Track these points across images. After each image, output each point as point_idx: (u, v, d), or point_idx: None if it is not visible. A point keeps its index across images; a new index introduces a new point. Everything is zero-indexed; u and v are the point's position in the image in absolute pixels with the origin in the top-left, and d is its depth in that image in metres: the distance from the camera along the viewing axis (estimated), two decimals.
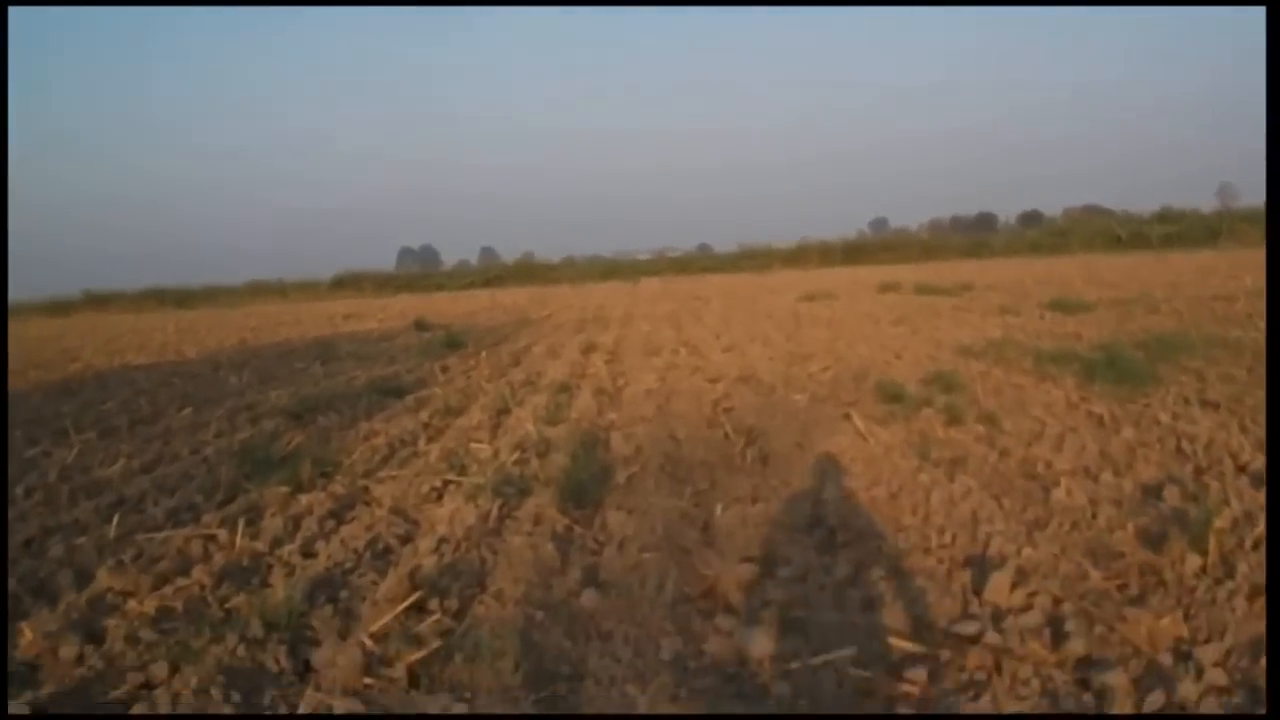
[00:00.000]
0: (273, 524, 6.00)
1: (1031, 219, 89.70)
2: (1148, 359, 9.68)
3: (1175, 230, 63.21)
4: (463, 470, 7.17)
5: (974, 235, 77.37)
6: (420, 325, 24.57)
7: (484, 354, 15.49)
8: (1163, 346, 10.53)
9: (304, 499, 6.58)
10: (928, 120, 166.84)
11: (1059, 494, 5.38)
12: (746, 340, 15.05)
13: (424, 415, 9.60)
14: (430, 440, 8.49)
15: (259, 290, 72.53)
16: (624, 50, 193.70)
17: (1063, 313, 16.54)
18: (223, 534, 5.83)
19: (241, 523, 5.94)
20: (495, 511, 5.86)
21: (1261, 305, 13.60)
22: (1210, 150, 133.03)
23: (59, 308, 59.17)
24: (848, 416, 8.21)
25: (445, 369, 13.91)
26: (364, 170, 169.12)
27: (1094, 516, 5.03)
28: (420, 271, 79.43)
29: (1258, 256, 32.83)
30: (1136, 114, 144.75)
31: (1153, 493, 5.34)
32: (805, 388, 9.99)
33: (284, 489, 6.77)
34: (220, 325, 33.17)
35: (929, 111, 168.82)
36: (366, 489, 6.89)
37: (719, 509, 5.83)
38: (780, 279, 44.92)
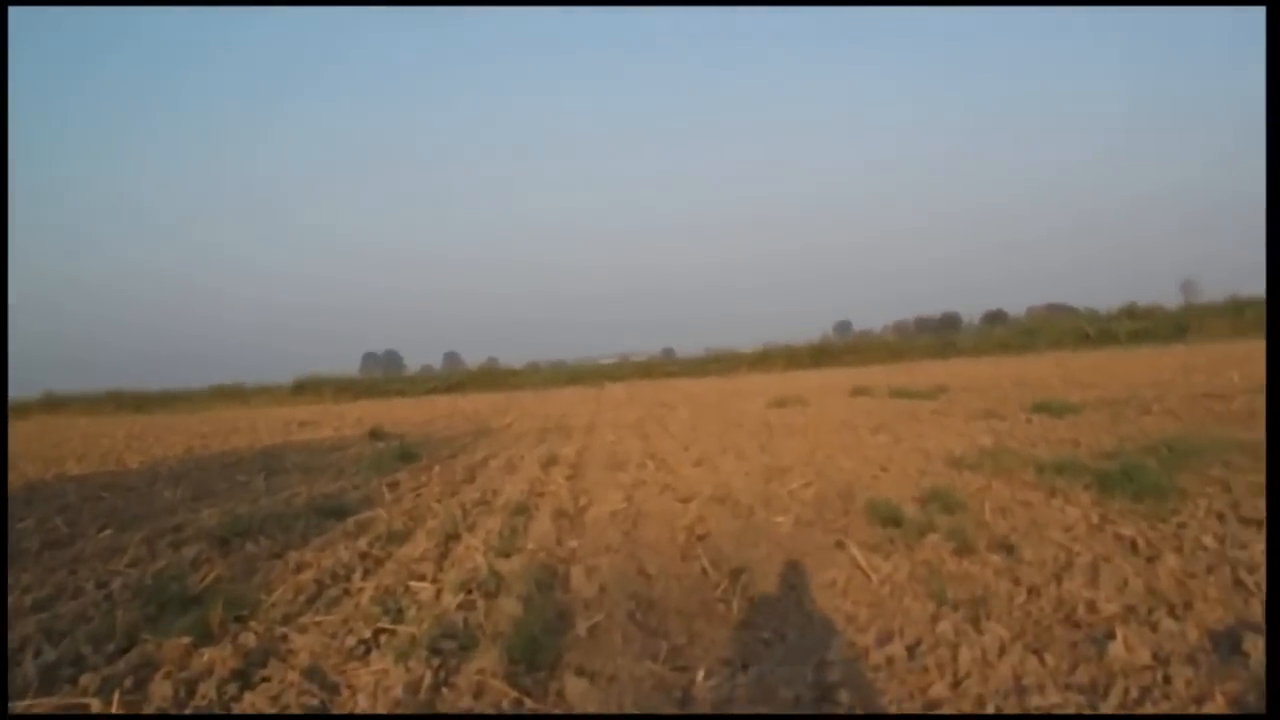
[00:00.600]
0: (162, 689, 4.92)
1: (996, 318, 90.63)
2: (1163, 469, 8.80)
3: (1143, 327, 63.60)
4: (399, 615, 6.12)
5: (939, 335, 77.53)
6: (375, 434, 23.50)
7: (437, 468, 14.43)
8: (1175, 454, 9.68)
9: (208, 653, 5.48)
10: (891, 222, 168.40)
11: (1116, 648, 4.42)
12: (718, 452, 14.09)
13: (363, 542, 8.50)
14: (366, 575, 7.42)
15: (219, 394, 71.47)
16: (584, 151, 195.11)
17: (1050, 415, 15.76)
18: (98, 703, 4.79)
19: (126, 685, 4.92)
20: (429, 676, 4.83)
21: (1260, 403, 12.90)
22: (1172, 247, 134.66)
23: (16, 410, 57.41)
24: (841, 545, 7.26)
25: (394, 485, 12.85)
26: (330, 274, 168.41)
27: (1167, 680, 4.08)
28: (382, 377, 78.46)
29: (1232, 350, 32.79)
30: (1099, 213, 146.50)
31: (1226, 642, 4.43)
32: (787, 508, 9.01)
33: (186, 640, 5.68)
34: (172, 432, 31.84)
35: (892, 213, 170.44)
36: (285, 638, 5.82)
37: (700, 675, 4.80)
38: (748, 384, 44.12)
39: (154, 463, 18.65)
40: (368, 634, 5.76)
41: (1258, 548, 5.95)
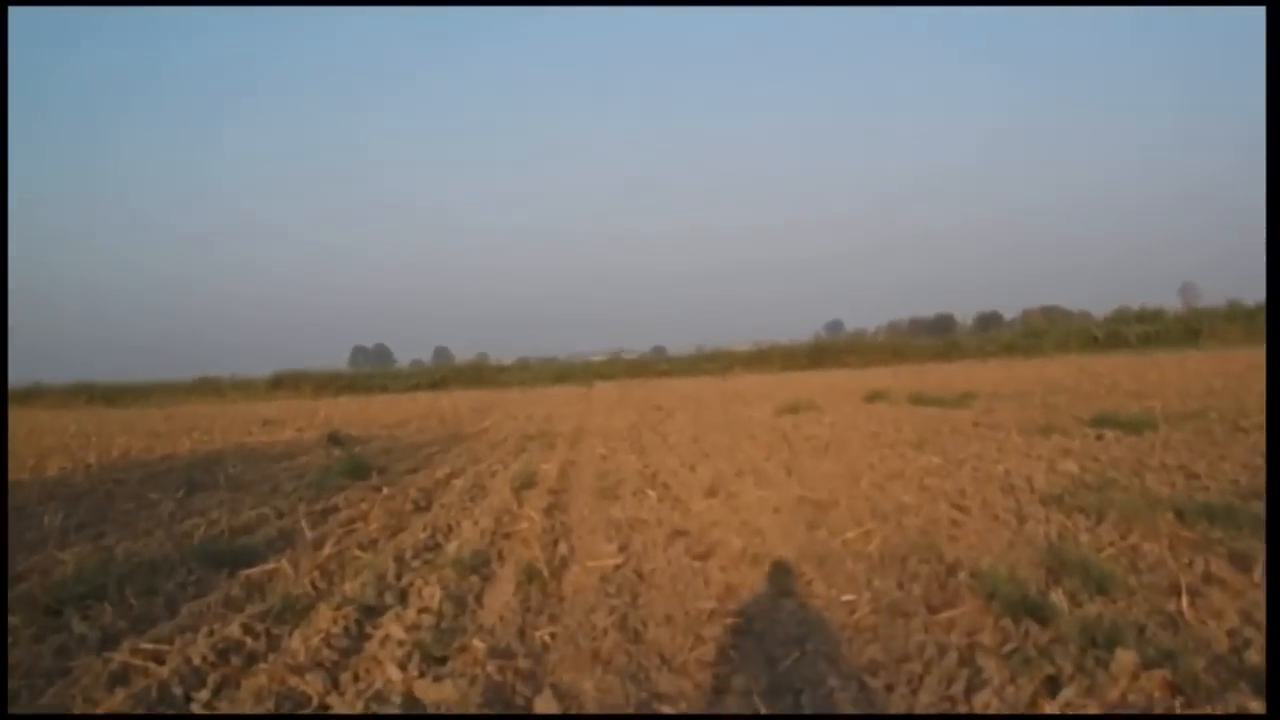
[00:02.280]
0: None
1: (990, 320, 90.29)
2: None
3: (1153, 330, 61.65)
4: None
5: (937, 336, 75.54)
6: (334, 439, 20.85)
7: (384, 490, 11.71)
8: None
9: None
10: (884, 224, 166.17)
11: None
12: (733, 475, 11.42)
13: (242, 619, 5.82)
14: (218, 693, 4.78)
15: (196, 388, 69.11)
16: (578, 147, 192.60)
17: (1123, 431, 13.09)
18: None
19: None
20: None
21: None
22: (1169, 251, 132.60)
23: None
24: (969, 661, 4.59)
25: (326, 514, 10.24)
26: (320, 267, 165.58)
27: None
28: (363, 372, 76.29)
29: (1257, 356, 30.19)
30: (1094, 217, 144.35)
31: None
32: (853, 577, 6.35)
33: None
34: (125, 429, 29.30)
35: (885, 216, 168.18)
36: None
37: None
38: (746, 385, 41.49)
39: (69, 473, 15.92)
40: None
41: None
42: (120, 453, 19.79)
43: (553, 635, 5.49)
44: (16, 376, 63.07)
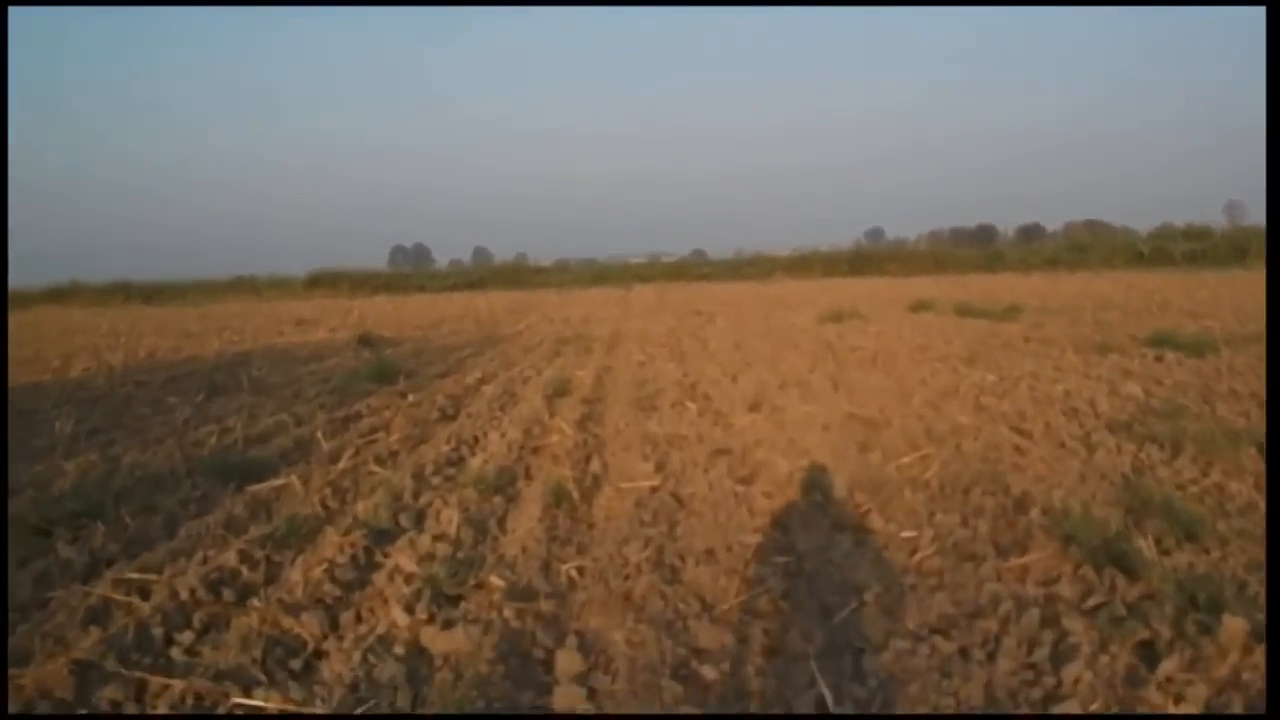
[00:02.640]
0: None
1: (1032, 232, 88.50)
2: None
3: (1200, 248, 59.79)
4: None
5: (978, 247, 73.95)
6: (365, 341, 20.34)
7: (410, 397, 11.19)
8: None
9: None
10: (924, 131, 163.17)
11: None
12: (776, 387, 10.78)
13: (241, 544, 5.30)
14: (203, 636, 4.27)
15: (234, 286, 68.76)
16: (622, 53, 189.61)
17: (1184, 353, 12.29)
18: None
19: None
20: None
21: None
22: (1215, 166, 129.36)
23: (17, 301, 54.29)
24: (1053, 620, 4.00)
25: (347, 422, 9.73)
26: (362, 167, 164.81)
27: None
28: (401, 272, 75.71)
29: None
30: (1138, 129, 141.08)
31: None
32: (912, 510, 5.75)
33: None
34: (159, 328, 28.94)
35: (926, 122, 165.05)
36: None
37: None
38: (788, 291, 40.58)
39: (90, 375, 15.49)
40: None
41: None
42: (147, 353, 19.38)
43: (580, 570, 4.93)
44: (55, 275, 63.28)
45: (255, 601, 4.53)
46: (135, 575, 4.85)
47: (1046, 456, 6.84)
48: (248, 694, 3.58)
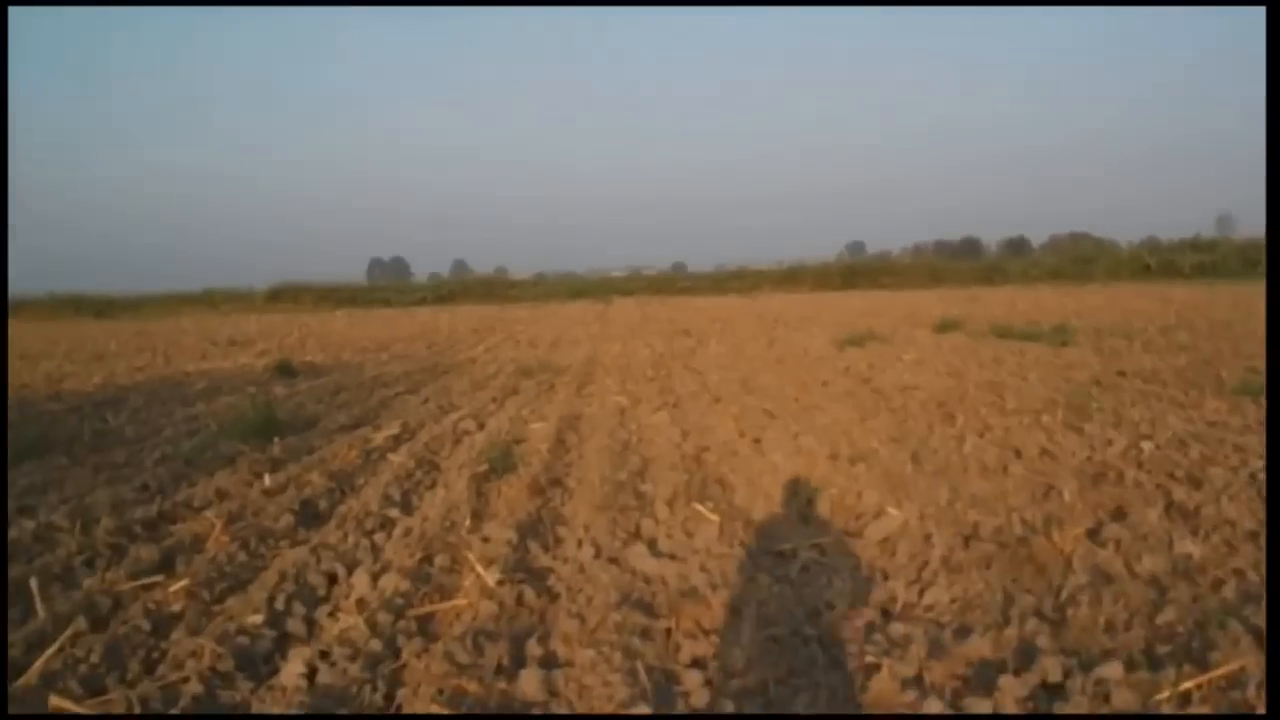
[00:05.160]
0: None
1: (1018, 245, 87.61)
2: None
3: (1209, 259, 57.23)
4: None
5: (966, 260, 71.33)
6: (285, 369, 16.59)
7: (268, 480, 7.34)
8: None
9: None
10: (906, 147, 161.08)
11: None
12: (826, 458, 7.13)
13: None
14: None
15: (191, 301, 65.08)
16: (606, 62, 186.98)
17: None
18: None
19: None
20: None
21: None
22: (1203, 180, 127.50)
23: None
24: None
25: (152, 528, 6.02)
26: (341, 181, 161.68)
27: None
28: (368, 285, 72.95)
29: None
30: (1124, 142, 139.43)
31: None
32: None
33: None
34: (77, 349, 25.27)
35: (909, 139, 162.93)
36: None
37: None
38: (780, 306, 37.01)
39: None
40: None
41: None
42: (19, 385, 15.58)
43: None
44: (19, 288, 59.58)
45: None
46: None
47: None
48: None
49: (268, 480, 7.21)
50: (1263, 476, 5.94)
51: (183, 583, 4.81)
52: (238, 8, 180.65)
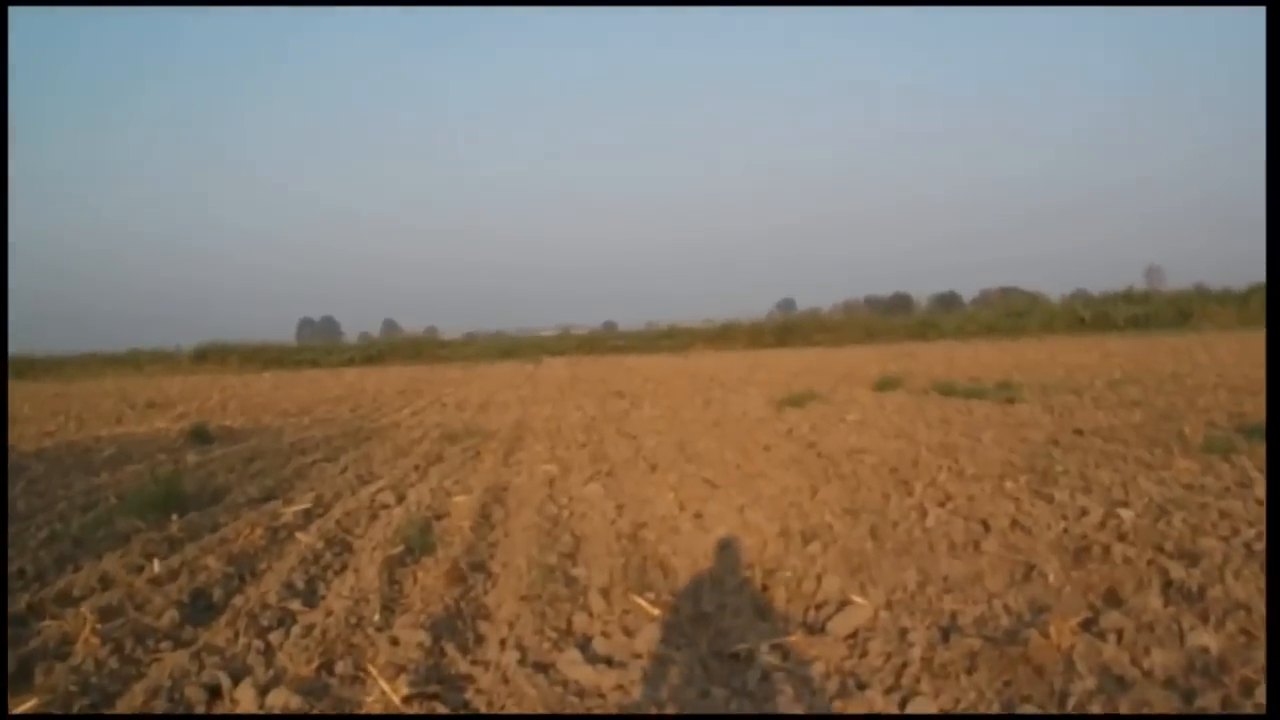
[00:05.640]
0: None
1: (949, 300, 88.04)
2: None
3: (1143, 311, 58.44)
4: None
5: (898, 316, 71.56)
6: (200, 435, 15.74)
7: (157, 566, 6.49)
8: None
9: None
10: (833, 202, 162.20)
11: None
12: (775, 535, 6.50)
13: None
14: None
15: (116, 361, 63.47)
16: (530, 120, 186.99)
17: None
18: None
19: None
20: None
21: None
22: (1129, 232, 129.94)
23: None
24: None
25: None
26: (267, 241, 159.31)
27: None
28: (295, 346, 71.61)
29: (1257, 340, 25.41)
30: (1054, 199, 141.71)
31: None
32: None
33: None
34: None
35: (836, 194, 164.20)
36: None
37: None
38: (714, 365, 36.49)
39: None
40: None
41: None
42: None
43: None
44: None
45: None
46: None
47: None
48: None
49: (156, 566, 6.41)
50: (1259, 546, 5.39)
51: (29, 703, 4.04)
52: (164, 60, 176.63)
